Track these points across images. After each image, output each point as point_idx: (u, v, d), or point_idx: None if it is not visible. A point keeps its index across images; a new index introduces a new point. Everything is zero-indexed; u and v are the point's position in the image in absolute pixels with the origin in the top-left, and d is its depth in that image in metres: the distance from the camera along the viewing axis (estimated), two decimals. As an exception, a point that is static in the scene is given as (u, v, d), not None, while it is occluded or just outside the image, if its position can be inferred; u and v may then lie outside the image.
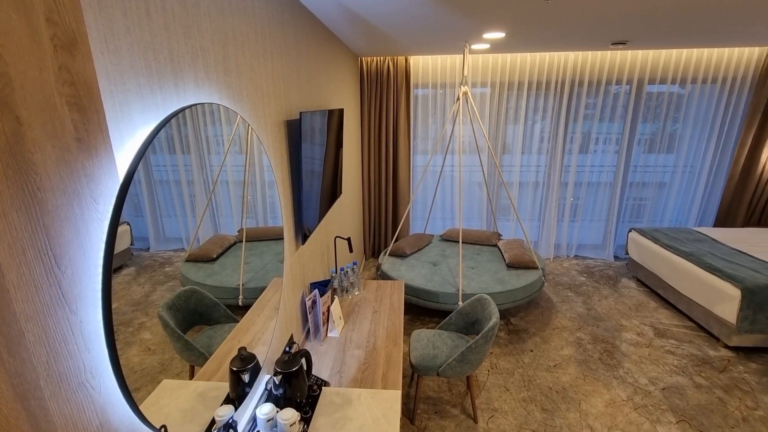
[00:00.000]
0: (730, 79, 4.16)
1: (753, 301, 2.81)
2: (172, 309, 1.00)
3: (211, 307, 1.18)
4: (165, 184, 0.97)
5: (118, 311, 0.82)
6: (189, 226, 1.08)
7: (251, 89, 1.41)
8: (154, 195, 0.93)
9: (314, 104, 2.36)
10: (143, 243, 0.91)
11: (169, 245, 1.00)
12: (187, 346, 1.06)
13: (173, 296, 1.01)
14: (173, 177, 1.00)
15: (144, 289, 0.90)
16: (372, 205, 4.75)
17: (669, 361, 2.93)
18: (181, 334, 1.03)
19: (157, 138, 0.91)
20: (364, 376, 1.80)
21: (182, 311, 1.04)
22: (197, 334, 1.11)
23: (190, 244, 1.09)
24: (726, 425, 2.34)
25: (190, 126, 1.05)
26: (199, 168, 1.11)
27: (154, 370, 0.92)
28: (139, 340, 0.87)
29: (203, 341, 1.14)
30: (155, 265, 0.95)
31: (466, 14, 2.32)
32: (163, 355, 0.95)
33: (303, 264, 2.15)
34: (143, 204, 0.89)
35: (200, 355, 1.12)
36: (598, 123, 4.44)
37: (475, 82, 4.39)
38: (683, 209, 4.72)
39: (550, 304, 3.77)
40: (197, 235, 1.12)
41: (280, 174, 1.72)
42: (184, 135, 1.03)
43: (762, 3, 2.18)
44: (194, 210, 1.10)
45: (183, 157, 1.03)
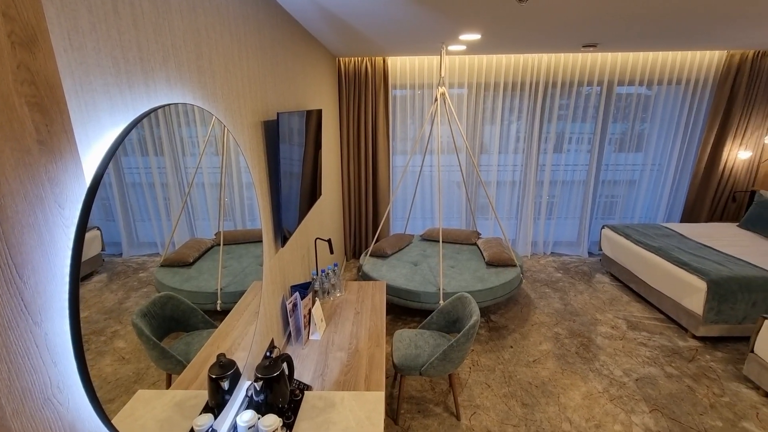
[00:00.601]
0: (693, 81, 4.35)
1: (718, 293, 2.95)
2: (147, 316, 0.97)
3: (188, 313, 1.15)
4: (138, 187, 0.93)
5: (90, 320, 0.78)
6: (164, 230, 1.05)
7: (226, 89, 1.38)
8: (126, 198, 0.89)
9: (292, 105, 2.33)
10: (115, 248, 0.87)
11: (143, 250, 0.97)
12: (164, 354, 1.03)
13: (148, 303, 0.97)
14: (146, 180, 0.97)
15: (117, 296, 0.86)
16: (352, 206, 4.73)
17: (641, 352, 3.03)
18: (156, 341, 1.00)
19: (128, 140, 0.88)
20: (347, 379, 1.79)
21: (158, 318, 1.01)
22: (174, 341, 1.08)
23: (165, 249, 1.05)
24: (695, 412, 2.44)
25: (163, 127, 1.02)
26: (173, 170, 1.08)
27: (128, 380, 0.89)
28: (112, 349, 0.84)
29: (180, 348, 1.10)
30: (129, 271, 0.91)
31: (442, 15, 2.34)
32: (138, 364, 0.92)
33: (283, 266, 2.12)
34: (115, 208, 0.86)
35: (177, 362, 1.09)
36: (571, 123, 4.57)
37: (453, 83, 4.44)
38: (652, 206, 4.90)
39: (529, 300, 3.85)
40: (172, 239, 1.09)
41: (257, 175, 1.69)
42: (157, 136, 1.00)
43: (720, 9, 2.29)
44: (169, 213, 1.07)
45: (156, 159, 1.00)
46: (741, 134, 4.44)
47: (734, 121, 4.36)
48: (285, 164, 1.93)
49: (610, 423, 2.37)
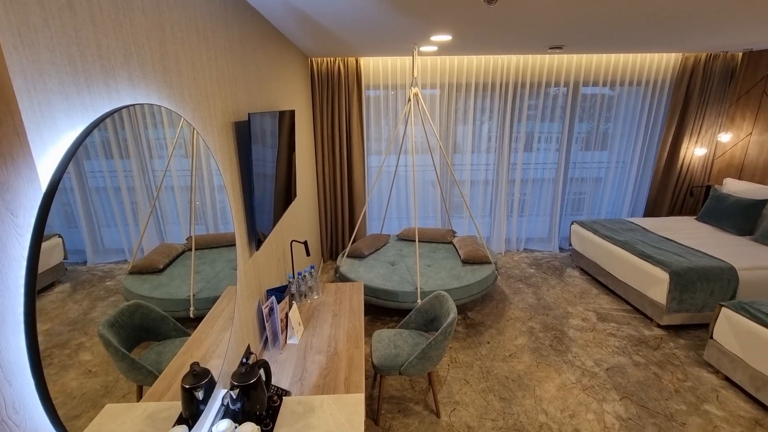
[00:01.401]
0: (652, 82, 4.56)
1: (679, 283, 3.10)
2: (115, 326, 0.92)
3: (159, 321, 1.11)
4: (102, 191, 0.89)
5: (52, 333, 0.74)
6: (131, 236, 1.01)
7: (194, 89, 1.34)
8: (89, 204, 0.85)
9: (264, 105, 2.29)
10: (79, 256, 0.83)
11: (110, 257, 0.93)
12: (134, 365, 0.98)
13: (116, 312, 0.93)
14: (112, 184, 0.92)
15: (82, 306, 0.82)
16: (328, 207, 4.70)
17: (611, 343, 3.15)
18: (125, 352, 0.95)
19: (90, 142, 0.84)
20: (326, 382, 1.77)
21: (126, 328, 0.96)
22: (145, 351, 1.03)
23: (133, 255, 1.01)
24: (661, 398, 2.56)
25: (128, 128, 0.98)
26: (140, 173, 1.04)
27: (96, 394, 0.84)
28: (77, 362, 0.80)
29: (151, 358, 1.06)
30: (94, 279, 0.87)
31: (413, 16, 2.35)
32: (106, 377, 0.88)
33: (258, 270, 2.08)
34: (77, 214, 0.82)
35: (149, 373, 1.05)
36: (539, 123, 4.70)
37: (425, 83, 4.48)
38: (617, 201, 5.11)
39: (504, 296, 3.93)
40: (141, 245, 1.04)
41: (229, 177, 1.65)
42: (122, 138, 0.96)
43: (674, 16, 2.42)
44: (137, 218, 1.03)
45: (122, 162, 0.96)
46: (696, 132, 4.69)
47: (690, 119, 4.61)
48: (258, 166, 1.89)
49: (583, 412, 2.45)
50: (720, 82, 4.53)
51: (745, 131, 4.44)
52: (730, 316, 2.64)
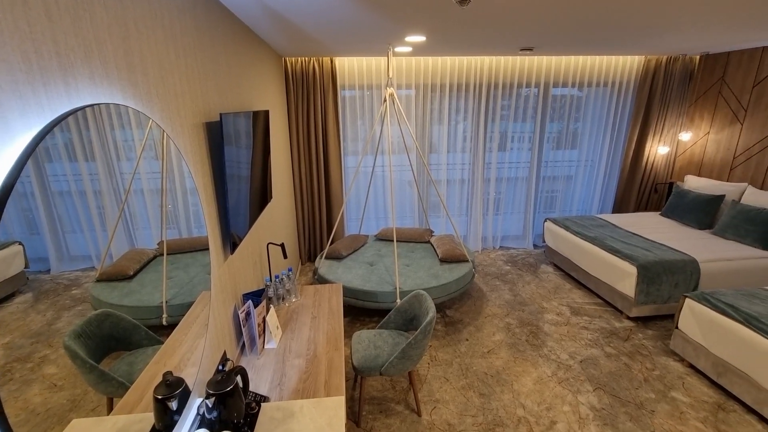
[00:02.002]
0: (617, 83, 4.75)
1: (646, 276, 3.24)
2: (82, 336, 0.88)
3: (129, 330, 1.07)
4: (66, 195, 0.85)
5: (12, 346, 0.70)
6: (99, 242, 0.96)
7: (162, 89, 1.29)
8: (52, 209, 0.81)
9: (236, 105, 2.24)
10: (42, 264, 0.79)
11: (76, 264, 0.88)
12: (103, 377, 0.94)
13: (83, 322, 0.89)
14: (77, 187, 0.88)
15: (45, 317, 0.78)
16: (305, 209, 4.64)
17: (584, 336, 3.26)
18: (94, 364, 0.91)
19: (51, 144, 0.79)
20: (305, 386, 1.75)
21: (95, 338, 0.92)
22: (115, 362, 0.99)
23: (101, 262, 0.96)
24: (632, 387, 2.67)
25: (93, 130, 0.93)
26: (107, 176, 0.99)
27: (62, 409, 0.80)
28: (41, 376, 0.76)
29: (122, 369, 1.02)
30: (59, 288, 0.83)
31: (387, 16, 2.36)
32: (73, 390, 0.83)
33: (233, 274, 2.03)
34: (39, 220, 0.77)
35: (119, 385, 1.00)
36: (512, 123, 4.81)
37: (401, 84, 4.50)
38: (587, 199, 5.28)
39: (481, 293, 4.00)
40: (109, 251, 1.00)
41: (201, 180, 1.61)
42: (87, 140, 0.91)
43: (635, 21, 2.52)
44: (104, 223, 0.98)
45: (87, 165, 0.92)
46: (659, 131, 4.91)
47: (653, 119, 4.82)
48: (231, 167, 1.85)
49: (559, 404, 2.51)
50: (680, 83, 4.76)
51: (703, 130, 4.68)
52: (693, 307, 2.77)
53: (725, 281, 3.40)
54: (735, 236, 3.75)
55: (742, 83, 4.18)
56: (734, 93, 4.28)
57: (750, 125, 4.12)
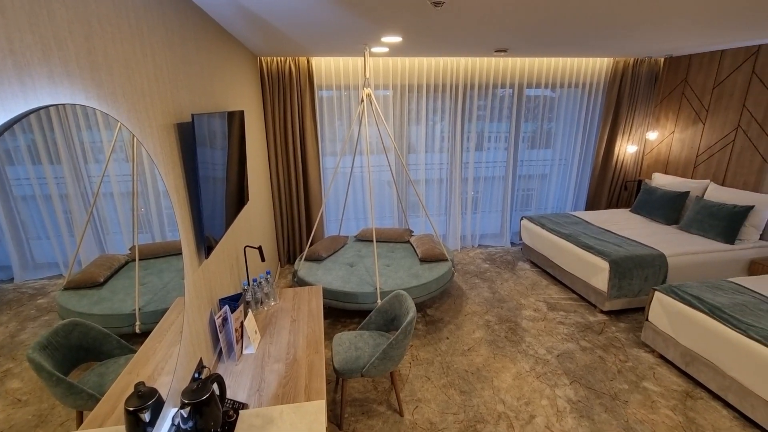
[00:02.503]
0: (588, 84, 4.90)
1: (618, 271, 3.35)
2: (48, 348, 0.84)
3: (100, 339, 1.02)
4: (30, 200, 0.81)
5: (-29, 361, 0.66)
6: (67, 248, 0.92)
7: (128, 88, 1.24)
8: (14, 214, 0.77)
9: (210, 105, 2.19)
10: (5, 273, 0.75)
11: (41, 272, 0.84)
12: (71, 390, 0.90)
13: (49, 333, 0.85)
14: (41, 191, 0.84)
15: (8, 328, 0.74)
16: (284, 210, 4.58)
17: (560, 330, 3.34)
18: (61, 376, 0.87)
19: (14, 147, 0.75)
20: (285, 391, 1.72)
21: (62, 349, 0.88)
22: (85, 373, 0.95)
23: (69, 269, 0.92)
24: (606, 379, 2.75)
25: (58, 131, 0.89)
26: (74, 180, 0.95)
27: (27, 425, 0.76)
28: (4, 391, 0.72)
29: (92, 380, 0.98)
30: (23, 297, 0.79)
31: (363, 16, 2.36)
32: (39, 405, 0.80)
33: (209, 279, 1.98)
34: (1, 226, 0.73)
35: (89, 397, 0.96)
36: (489, 123, 4.89)
37: (378, 84, 4.50)
38: (561, 196, 5.43)
39: (461, 292, 4.04)
40: (78, 258, 0.96)
41: (173, 182, 1.56)
42: (52, 142, 0.87)
43: (602, 24, 2.61)
44: (72, 228, 0.94)
45: (52, 168, 0.87)
46: (628, 131, 5.09)
47: (622, 119, 5.00)
48: (205, 169, 1.81)
49: (537, 399, 2.57)
50: (646, 84, 4.95)
51: (668, 130, 4.88)
52: (662, 299, 2.89)
53: (691, 274, 3.55)
54: (699, 231, 3.93)
55: (703, 85, 4.39)
56: (696, 94, 4.48)
57: (711, 125, 4.33)
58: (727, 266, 3.61)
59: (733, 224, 3.68)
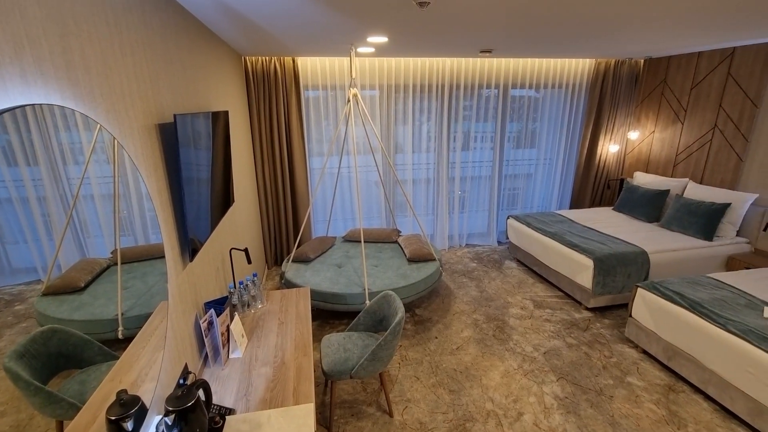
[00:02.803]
0: (571, 85, 4.98)
1: (602, 269, 3.41)
2: (26, 356, 0.81)
3: (80, 346, 0.99)
4: (6, 203, 0.78)
5: (-58, 372, 0.63)
6: (45, 252, 0.89)
7: (106, 88, 1.21)
8: (-14, 218, 0.74)
9: (193, 106, 2.15)
10: (-25, 280, 0.72)
11: (19, 278, 0.81)
12: (51, 399, 0.87)
13: (26, 340, 0.82)
14: (18, 194, 0.81)
15: (-19, 338, 0.71)
16: (270, 211, 4.54)
17: (547, 328, 3.39)
18: (39, 385, 0.84)
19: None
20: (273, 395, 1.70)
21: (40, 357, 0.85)
22: (65, 381, 0.92)
23: (47, 274, 0.89)
24: (592, 375, 2.80)
25: (35, 132, 0.86)
26: (52, 182, 0.92)
27: (4, 438, 0.73)
28: (-22, 403, 0.69)
29: (73, 389, 0.95)
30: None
31: (348, 17, 2.35)
32: (17, 416, 0.77)
33: (194, 282, 1.95)
34: (-29, 231, 0.70)
35: (70, 406, 0.93)
36: (475, 123, 4.93)
37: (364, 84, 4.50)
38: (546, 195, 5.50)
39: (449, 291, 4.06)
40: (57, 262, 0.93)
41: (155, 184, 1.53)
42: (29, 143, 0.84)
43: (584, 25, 2.65)
44: (51, 232, 0.91)
45: (29, 170, 0.84)
46: (610, 131, 5.19)
47: (604, 119, 5.09)
48: (189, 170, 1.77)
49: (525, 396, 2.60)
50: (627, 85, 5.06)
51: (649, 129, 5.00)
52: (644, 296, 2.95)
53: (672, 270, 3.64)
54: (679, 228, 4.03)
55: (682, 85, 4.50)
56: (675, 95, 4.60)
57: (689, 124, 4.44)
58: (706, 262, 3.71)
59: (711, 221, 3.79)
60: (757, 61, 3.73)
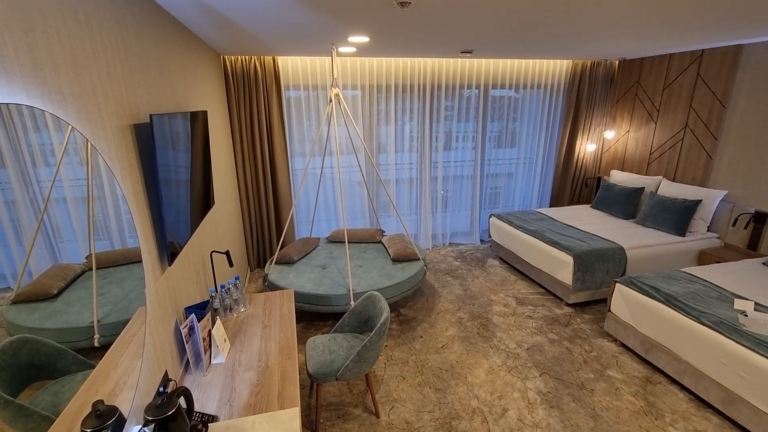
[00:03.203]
0: (550, 85, 5.08)
1: (581, 265, 3.49)
2: (-5, 369, 0.77)
3: (53, 356, 0.95)
4: (-33, 207, 0.74)
5: None
6: (15, 258, 0.85)
7: (77, 87, 1.16)
8: (-51, 224, 0.70)
9: (170, 106, 2.10)
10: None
11: (-18, 287, 0.77)
12: (21, 412, 0.83)
13: (-6, 352, 0.78)
14: (-20, 198, 0.77)
15: (-56, 350, 0.67)
16: (252, 213, 4.47)
17: (529, 324, 3.44)
18: (9, 398, 0.80)
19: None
20: (257, 400, 1.67)
21: (10, 369, 0.81)
22: (37, 393, 0.88)
23: (17, 281, 0.85)
24: (573, 369, 2.86)
25: (1, 133, 0.82)
26: (21, 185, 0.88)
27: (-29, 455, 0.70)
28: (-58, 420, 0.65)
29: (46, 401, 0.91)
30: (-40, 316, 0.72)
31: (329, 16, 2.33)
32: (-15, 432, 0.73)
33: (173, 287, 1.90)
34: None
35: (42, 419, 0.89)
36: (456, 123, 4.97)
37: (346, 84, 4.48)
38: (527, 194, 5.60)
39: (433, 290, 4.08)
40: (27, 268, 0.89)
41: (131, 187, 1.48)
42: (-7, 143, 0.80)
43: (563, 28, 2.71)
44: (21, 237, 0.87)
45: (-7, 172, 0.80)
46: (587, 130, 5.32)
47: (581, 119, 5.21)
48: (167, 171, 1.73)
49: (510, 392, 2.63)
50: (603, 85, 5.19)
51: (624, 129, 5.14)
52: (622, 290, 3.03)
53: (648, 265, 3.75)
54: (654, 224, 4.16)
55: (654, 86, 4.65)
56: (648, 95, 4.74)
57: (662, 124, 4.59)
58: (680, 257, 3.84)
59: (684, 217, 3.92)
60: (724, 63, 3.88)
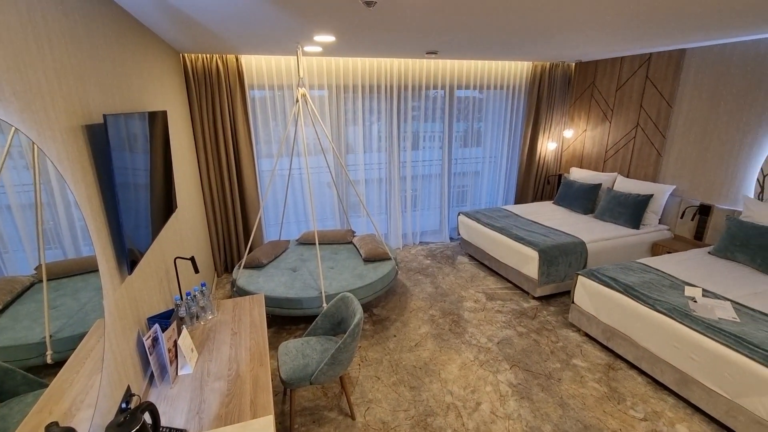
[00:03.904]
0: (512, 86, 5.23)
1: (546, 260, 3.62)
2: (-70, 396, 0.70)
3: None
4: None
5: None
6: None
7: (19, 85, 1.07)
8: None
9: (126, 105, 1.99)
10: None
11: None
12: (-35, 441, 0.76)
13: (-71, 377, 0.70)
14: None
15: None
16: (218, 217, 4.32)
17: (499, 318, 3.53)
18: (-50, 427, 0.73)
19: None
20: (228, 410, 1.61)
21: (-51, 395, 0.74)
22: (-19, 420, 0.80)
23: (-48, 299, 0.77)
24: (541, 360, 2.95)
25: (-70, 133, 0.74)
26: (-45, 191, 0.80)
27: None
28: None
29: (-7, 427, 0.83)
30: None
31: (293, 14, 2.29)
32: None
33: (134, 297, 1.80)
34: None
35: (-10, 446, 0.82)
36: (423, 123, 5.02)
37: (313, 84, 4.42)
38: (493, 192, 5.74)
39: (405, 289, 4.10)
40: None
41: (84, 191, 1.39)
42: None
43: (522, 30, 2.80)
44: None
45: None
46: (548, 129, 5.52)
47: (542, 118, 5.41)
48: (123, 175, 1.64)
49: (482, 386, 2.69)
50: (561, 86, 5.41)
51: (581, 128, 5.38)
52: (584, 282, 3.17)
53: (606, 258, 3.94)
54: (611, 218, 4.38)
55: (608, 87, 4.89)
56: (603, 96, 4.98)
57: (616, 123, 4.84)
58: (635, 249, 4.06)
59: (638, 211, 4.15)
60: (670, 66, 4.14)
